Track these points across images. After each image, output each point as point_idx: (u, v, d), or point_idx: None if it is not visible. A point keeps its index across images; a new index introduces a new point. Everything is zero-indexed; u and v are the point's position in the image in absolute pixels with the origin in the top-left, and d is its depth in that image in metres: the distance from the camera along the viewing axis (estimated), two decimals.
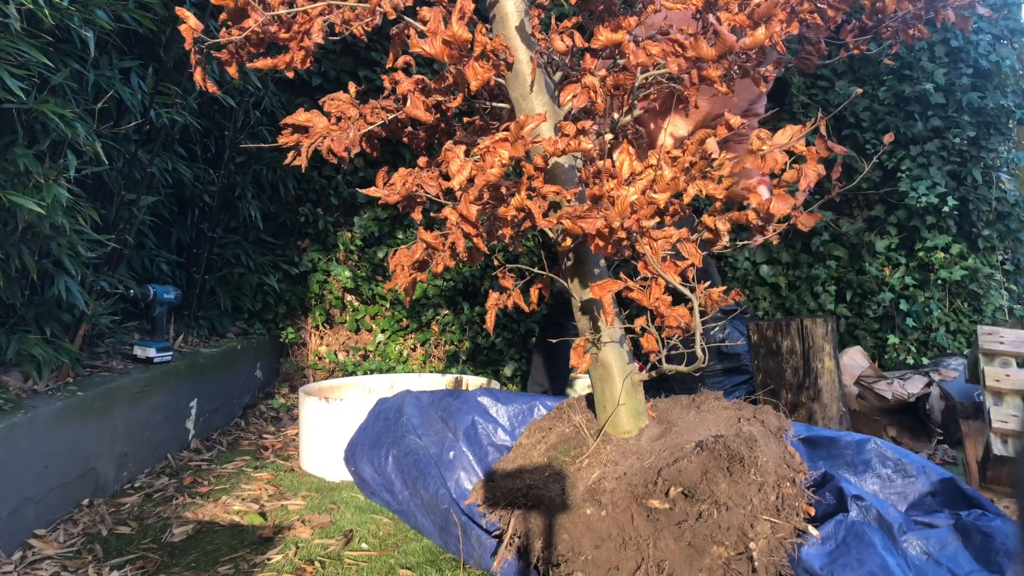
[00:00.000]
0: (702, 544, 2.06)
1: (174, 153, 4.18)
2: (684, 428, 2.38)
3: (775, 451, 2.26)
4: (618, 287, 2.17)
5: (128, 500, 3.21)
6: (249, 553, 2.73)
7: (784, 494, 2.15)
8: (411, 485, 2.74)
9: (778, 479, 2.17)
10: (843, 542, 2.17)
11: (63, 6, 2.86)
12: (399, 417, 2.91)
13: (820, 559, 2.14)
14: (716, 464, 2.14)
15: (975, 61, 5.32)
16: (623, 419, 2.43)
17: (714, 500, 2.09)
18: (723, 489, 2.09)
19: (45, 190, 2.83)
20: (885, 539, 2.21)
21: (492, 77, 2.16)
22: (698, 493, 2.11)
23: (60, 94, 3.07)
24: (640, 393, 2.46)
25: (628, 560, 2.12)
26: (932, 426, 4.18)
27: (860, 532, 2.18)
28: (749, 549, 2.03)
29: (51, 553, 2.68)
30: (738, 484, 2.11)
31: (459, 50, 2.08)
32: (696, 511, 2.10)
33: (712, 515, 2.08)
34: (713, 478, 2.12)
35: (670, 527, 2.11)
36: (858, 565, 2.11)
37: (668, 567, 2.07)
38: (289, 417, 4.70)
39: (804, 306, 5.51)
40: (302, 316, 5.64)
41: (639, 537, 2.13)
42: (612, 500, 2.18)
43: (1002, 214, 5.40)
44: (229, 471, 3.62)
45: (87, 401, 3.12)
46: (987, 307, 5.31)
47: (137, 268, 4.09)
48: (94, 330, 3.55)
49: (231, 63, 2.33)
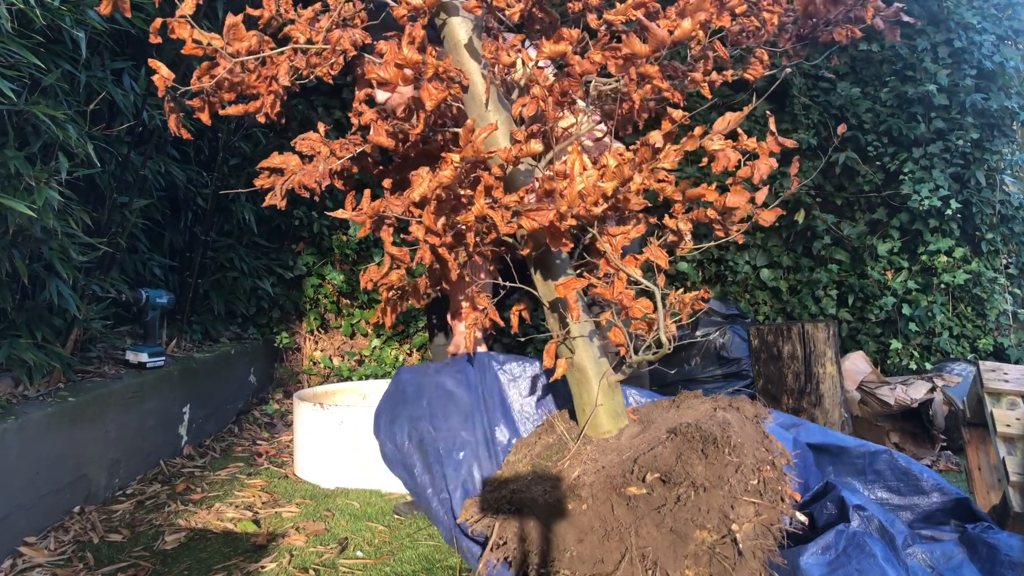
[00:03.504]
0: (684, 529, 2.08)
1: (167, 155, 4.15)
2: (663, 423, 2.40)
3: (752, 435, 2.28)
4: (582, 284, 2.25)
5: (120, 507, 3.18)
6: (242, 561, 2.70)
7: (765, 477, 2.17)
8: (428, 470, 2.78)
9: (757, 462, 2.19)
10: (844, 552, 2.18)
11: (54, 6, 2.83)
12: (419, 398, 2.92)
13: (819, 568, 2.15)
14: (690, 447, 2.17)
15: (979, 62, 5.30)
16: (602, 420, 2.47)
17: (691, 482, 2.12)
18: (700, 471, 2.12)
19: (36, 193, 2.80)
20: (887, 550, 2.21)
21: (448, 98, 2.28)
22: (674, 477, 2.14)
23: (51, 95, 3.05)
24: (618, 394, 2.51)
25: (612, 552, 2.14)
26: (935, 432, 4.15)
27: (861, 543, 2.19)
28: (732, 532, 2.05)
29: (42, 561, 2.66)
30: (714, 465, 2.14)
31: (413, 71, 2.20)
32: (675, 495, 2.12)
33: (690, 497, 2.11)
34: (688, 460, 2.15)
35: (650, 513, 2.13)
36: (858, 575, 2.13)
37: (652, 555, 2.09)
38: (283, 423, 4.66)
39: (805, 310, 5.47)
40: (296, 320, 5.61)
41: (621, 527, 2.15)
42: (592, 493, 2.22)
43: (1006, 217, 5.37)
44: (222, 478, 3.59)
45: (79, 407, 3.09)
46: (991, 311, 5.28)
47: (129, 272, 4.06)
48: (86, 335, 3.52)
49: (203, 109, 2.41)
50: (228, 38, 2.29)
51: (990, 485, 3.09)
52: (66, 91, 3.12)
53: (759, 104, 5.64)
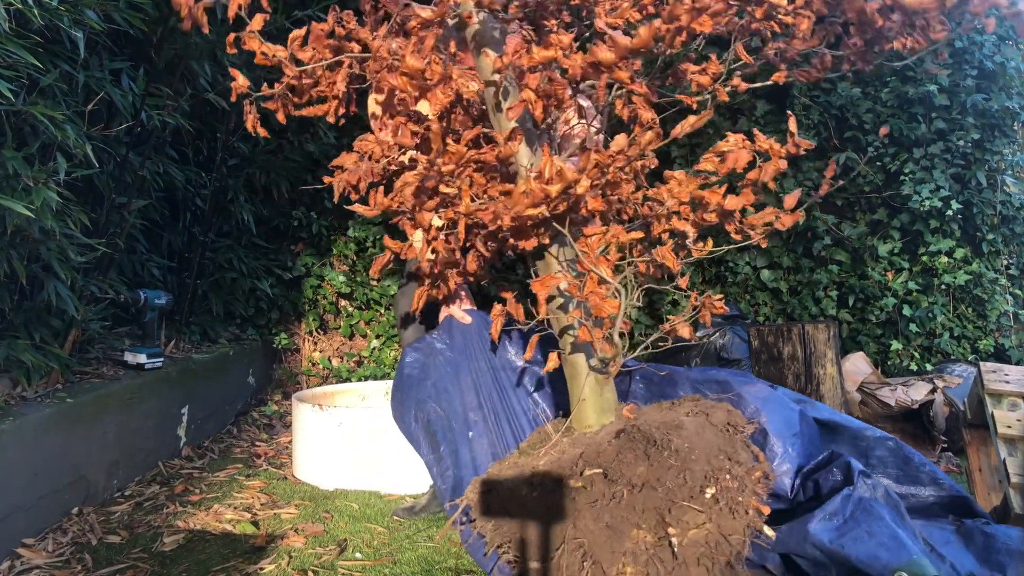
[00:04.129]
0: (621, 526, 2.14)
1: (166, 156, 4.14)
2: (652, 419, 2.45)
3: (712, 443, 2.31)
4: (556, 282, 2.41)
5: (118, 508, 3.17)
6: (241, 562, 2.69)
7: (723, 487, 2.21)
8: (434, 450, 2.89)
9: (713, 470, 2.22)
10: (852, 517, 2.21)
11: (52, 6, 2.82)
12: (424, 379, 2.99)
13: (828, 533, 2.18)
14: (632, 447, 2.25)
15: (980, 62, 5.28)
16: (587, 414, 2.56)
17: (628, 481, 2.19)
18: (640, 472, 2.19)
19: (34, 193, 2.79)
20: (894, 514, 2.23)
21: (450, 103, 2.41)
22: (612, 474, 2.22)
23: (50, 96, 3.04)
24: (608, 391, 2.59)
25: (554, 540, 2.22)
26: (936, 433, 4.14)
27: (869, 507, 2.22)
28: (668, 534, 2.10)
29: (40, 562, 2.65)
30: (654, 468, 2.19)
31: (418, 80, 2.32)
32: (611, 492, 2.19)
33: (624, 496, 2.18)
34: (627, 460, 2.23)
35: (588, 507, 2.20)
36: (868, 537, 2.15)
37: (588, 547, 2.16)
38: (282, 424, 4.65)
39: (805, 311, 5.46)
40: (295, 321, 5.60)
41: (562, 517, 2.24)
42: (542, 481, 2.31)
43: (1007, 218, 5.36)
44: (221, 479, 3.58)
45: (77, 408, 3.09)
46: (991, 312, 5.27)
47: (128, 273, 4.05)
48: (84, 336, 3.52)
49: (278, 111, 2.67)
50: (292, 49, 2.51)
51: (991, 486, 3.08)
52: (64, 91, 3.12)
53: (759, 104, 5.64)
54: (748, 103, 5.65)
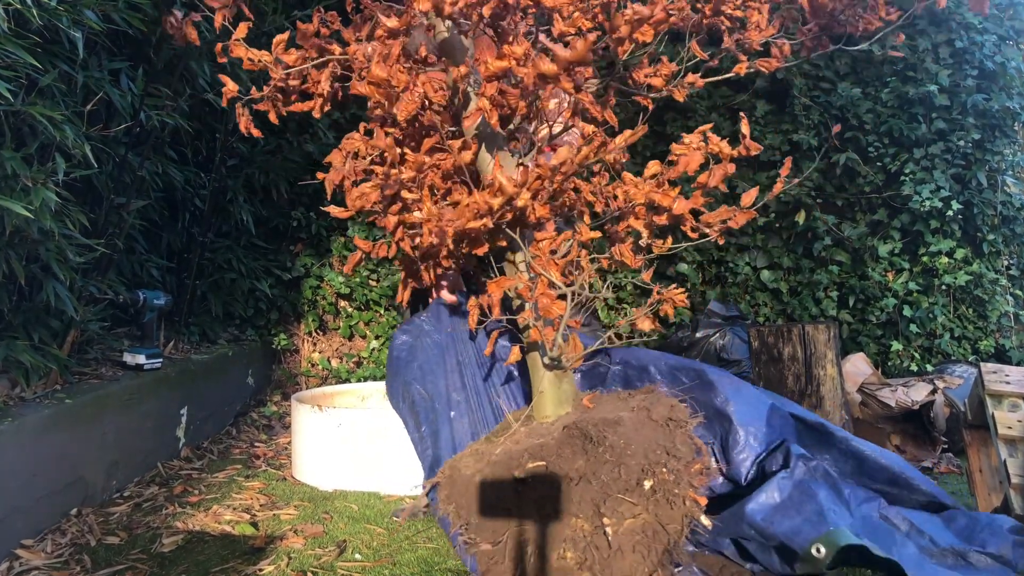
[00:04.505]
0: (560, 515, 2.30)
1: (164, 156, 4.13)
2: (596, 414, 2.59)
3: (651, 438, 2.45)
4: (510, 284, 2.56)
5: (117, 509, 3.16)
6: (240, 563, 2.68)
7: (660, 480, 2.36)
8: (417, 429, 3.06)
9: (649, 464, 2.37)
10: (788, 497, 2.37)
11: (51, 6, 2.81)
12: (411, 360, 3.13)
13: (762, 514, 2.36)
14: (571, 442, 2.40)
15: (980, 62, 5.28)
16: (545, 406, 2.71)
17: (566, 474, 2.33)
18: (579, 466, 2.34)
19: (33, 194, 2.78)
20: (830, 493, 2.38)
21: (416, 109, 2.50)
22: (553, 467, 2.36)
23: (48, 96, 3.04)
24: (566, 383, 2.72)
25: (501, 525, 2.40)
26: (936, 434, 4.13)
27: (805, 487, 2.37)
28: (603, 524, 2.25)
29: (38, 564, 2.64)
30: (591, 462, 2.34)
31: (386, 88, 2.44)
32: (550, 485, 2.35)
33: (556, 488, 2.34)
34: (566, 455, 2.38)
35: (531, 496, 2.36)
36: (796, 514, 2.31)
37: (532, 532, 2.33)
38: (281, 425, 4.65)
39: (806, 312, 5.46)
40: (295, 322, 5.60)
41: (509, 505, 2.40)
42: (493, 471, 2.47)
43: (1007, 218, 5.36)
44: (220, 480, 3.57)
45: (76, 408, 3.08)
46: (992, 313, 5.27)
47: (127, 273, 4.04)
48: (83, 336, 3.51)
49: (270, 112, 2.85)
50: (276, 53, 2.66)
51: (991, 487, 3.07)
52: (63, 91, 3.11)
53: (759, 104, 5.64)
54: (748, 103, 5.65)
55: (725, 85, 5.73)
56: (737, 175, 5.64)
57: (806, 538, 2.22)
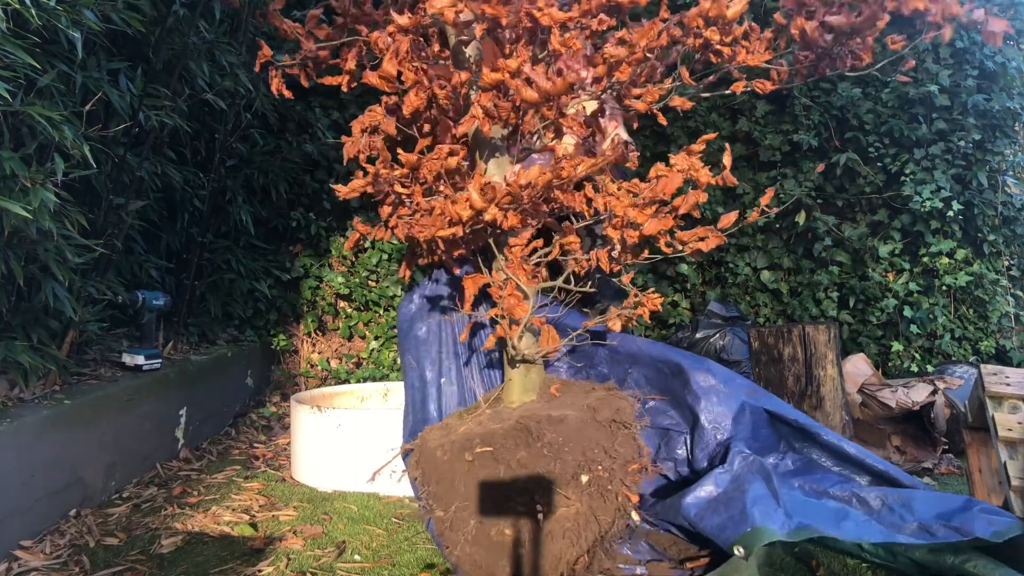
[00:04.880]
0: (502, 497, 2.49)
1: (163, 156, 4.12)
2: (553, 407, 2.77)
3: (591, 437, 2.62)
4: (483, 281, 2.76)
5: (116, 510, 3.16)
6: (239, 565, 2.69)
7: (596, 476, 2.53)
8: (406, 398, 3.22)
9: (586, 461, 2.54)
10: (723, 491, 2.50)
11: (50, 6, 2.81)
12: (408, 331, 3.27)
13: (696, 508, 2.50)
14: (515, 435, 2.58)
15: (981, 63, 5.28)
16: (512, 392, 2.86)
17: (508, 463, 2.52)
18: (520, 457, 2.52)
19: (32, 194, 2.78)
20: (763, 485, 2.48)
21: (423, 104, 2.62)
22: (498, 455, 2.55)
23: (47, 96, 3.03)
24: (534, 372, 2.86)
25: (452, 497, 2.58)
26: (937, 435, 4.12)
27: (740, 482, 2.49)
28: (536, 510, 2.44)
29: (37, 564, 2.64)
30: (531, 455, 2.52)
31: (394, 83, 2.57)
32: (497, 469, 2.53)
33: (498, 471, 2.53)
34: (509, 446, 2.55)
35: (479, 477, 2.55)
36: (724, 511, 2.43)
37: (475, 508, 2.52)
38: (280, 426, 4.64)
39: (806, 312, 5.45)
40: (294, 323, 5.58)
41: (459, 480, 2.58)
42: (451, 449, 2.65)
43: (1008, 218, 5.35)
44: (219, 481, 3.57)
45: (75, 409, 3.08)
46: (993, 313, 5.26)
47: (126, 274, 4.04)
48: (82, 337, 3.51)
49: (300, 77, 2.98)
50: (309, 27, 2.84)
51: (991, 488, 3.07)
52: (62, 92, 3.10)
53: (759, 105, 5.63)
54: (748, 103, 5.64)
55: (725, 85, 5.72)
56: (737, 176, 5.64)
57: (729, 536, 2.35)
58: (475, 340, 3.19)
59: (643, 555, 2.67)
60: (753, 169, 5.66)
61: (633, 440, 2.71)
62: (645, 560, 2.65)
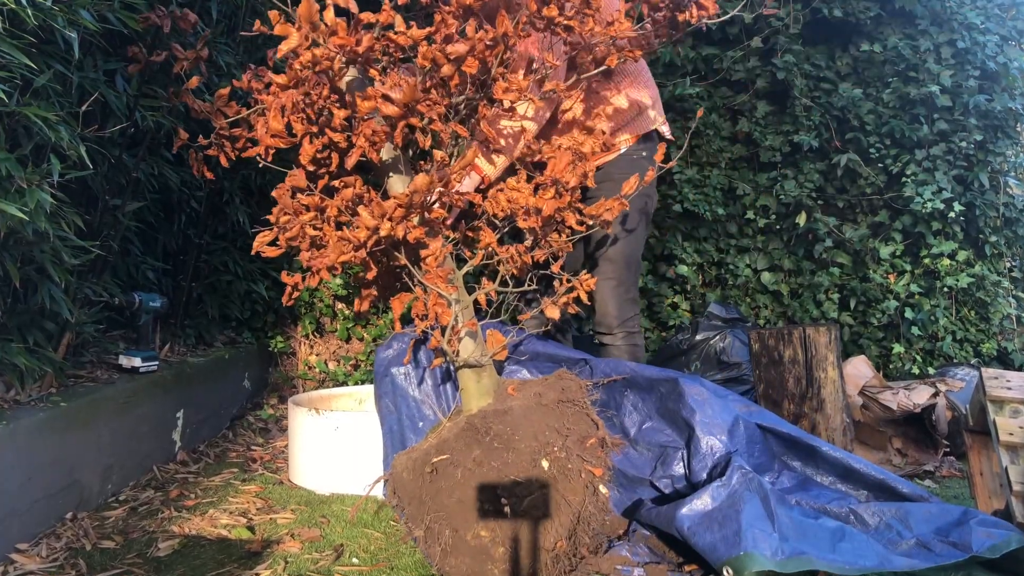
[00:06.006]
0: (468, 500, 2.52)
1: (160, 157, 4.10)
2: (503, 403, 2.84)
3: (540, 422, 2.70)
4: (409, 298, 2.87)
5: (113, 513, 3.14)
6: (236, 568, 2.67)
7: (555, 458, 2.59)
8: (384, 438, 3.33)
9: (540, 445, 2.61)
10: (719, 506, 2.50)
11: (46, 6, 2.79)
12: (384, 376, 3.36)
13: (690, 520, 2.50)
14: (466, 436, 2.66)
15: (982, 63, 5.27)
16: (470, 399, 2.90)
17: (465, 465, 2.58)
18: (476, 455, 2.58)
19: (28, 195, 2.76)
20: (759, 505, 2.48)
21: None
22: (455, 459, 2.61)
23: (43, 97, 3.01)
24: (485, 377, 2.89)
25: (423, 513, 2.62)
26: (938, 437, 4.11)
27: (736, 499, 2.49)
28: (502, 503, 2.48)
29: (33, 568, 2.63)
30: (486, 451, 2.58)
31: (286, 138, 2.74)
32: (457, 473, 2.58)
33: (456, 476, 2.58)
34: (460, 448, 2.64)
35: (443, 486, 2.59)
36: (718, 528, 2.43)
37: (447, 519, 2.55)
38: (278, 428, 4.63)
39: (807, 314, 5.45)
40: (291, 325, 5.56)
41: (425, 495, 2.63)
42: (413, 467, 2.71)
43: (1010, 220, 5.35)
44: (216, 484, 3.55)
45: (71, 412, 3.06)
46: (994, 315, 5.25)
47: (122, 275, 4.01)
48: (78, 339, 3.49)
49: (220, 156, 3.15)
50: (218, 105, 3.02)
51: (992, 491, 3.06)
52: (58, 92, 3.08)
53: (759, 105, 5.62)
54: (748, 103, 5.63)
55: (725, 86, 5.72)
56: (737, 176, 5.63)
57: (720, 557, 2.37)
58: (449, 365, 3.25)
59: (641, 557, 2.69)
60: (753, 170, 5.65)
61: (585, 415, 2.78)
62: (643, 563, 2.66)
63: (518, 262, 2.86)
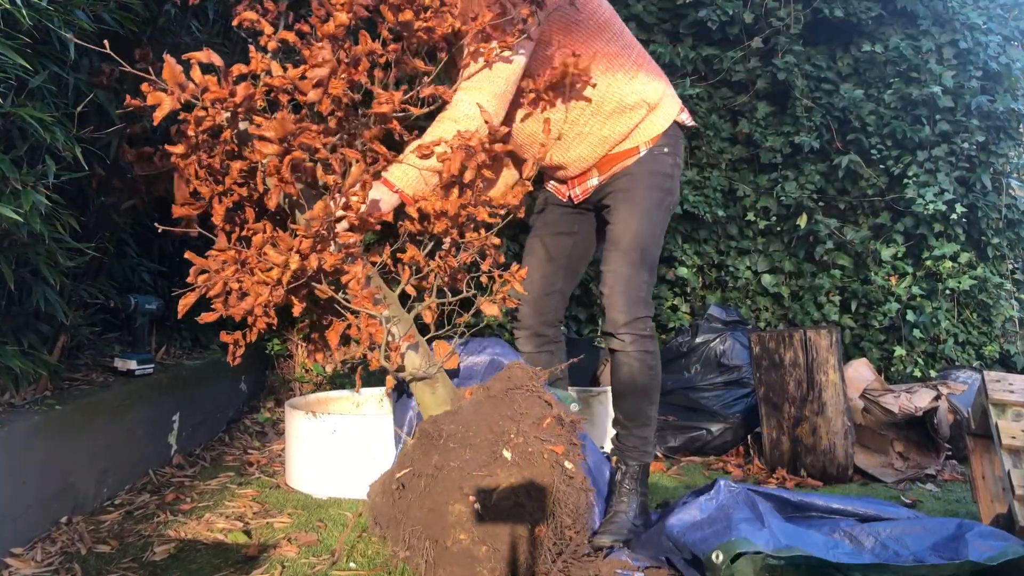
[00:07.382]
0: (439, 507, 2.50)
1: None
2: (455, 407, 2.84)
3: (490, 413, 2.68)
4: (343, 327, 2.87)
5: (108, 517, 3.13)
6: (233, 572, 2.67)
7: (514, 444, 2.58)
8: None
9: (496, 435, 2.59)
10: (707, 517, 2.62)
11: (41, 7, 2.77)
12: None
13: (679, 527, 2.61)
14: (421, 443, 2.65)
15: (984, 63, 5.26)
16: (427, 412, 2.85)
17: (426, 472, 2.56)
18: (435, 460, 2.57)
19: (23, 197, 2.74)
20: (748, 514, 2.57)
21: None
22: (417, 468, 2.60)
23: (38, 97, 2.99)
24: (440, 388, 2.86)
25: (401, 530, 2.59)
26: (940, 441, 4.09)
27: (727, 508, 2.62)
28: (471, 501, 2.47)
29: (28, 573, 2.62)
30: (443, 454, 2.57)
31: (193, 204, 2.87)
32: (421, 483, 2.56)
33: (420, 485, 2.57)
34: (418, 456, 2.63)
35: (412, 499, 2.58)
36: (708, 527, 2.54)
37: (423, 530, 2.53)
38: (275, 432, 4.62)
39: (807, 316, 5.43)
40: (288, 327, 5.55)
41: (398, 512, 2.61)
42: (382, 488, 2.69)
43: (1012, 221, 5.33)
44: (212, 487, 3.54)
45: (66, 415, 3.05)
46: (996, 318, 5.24)
47: (118, 277, 4.00)
48: (73, 342, 3.48)
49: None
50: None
51: (994, 495, 3.04)
52: (53, 93, 3.07)
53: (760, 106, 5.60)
54: (749, 104, 5.61)
55: (725, 86, 5.70)
56: (738, 177, 5.61)
57: (710, 546, 2.42)
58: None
59: (641, 561, 2.69)
60: (754, 171, 5.64)
61: (537, 397, 2.75)
62: (643, 567, 2.66)
63: (446, 269, 2.86)
